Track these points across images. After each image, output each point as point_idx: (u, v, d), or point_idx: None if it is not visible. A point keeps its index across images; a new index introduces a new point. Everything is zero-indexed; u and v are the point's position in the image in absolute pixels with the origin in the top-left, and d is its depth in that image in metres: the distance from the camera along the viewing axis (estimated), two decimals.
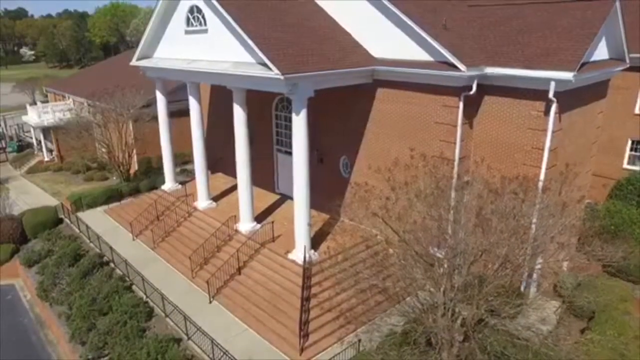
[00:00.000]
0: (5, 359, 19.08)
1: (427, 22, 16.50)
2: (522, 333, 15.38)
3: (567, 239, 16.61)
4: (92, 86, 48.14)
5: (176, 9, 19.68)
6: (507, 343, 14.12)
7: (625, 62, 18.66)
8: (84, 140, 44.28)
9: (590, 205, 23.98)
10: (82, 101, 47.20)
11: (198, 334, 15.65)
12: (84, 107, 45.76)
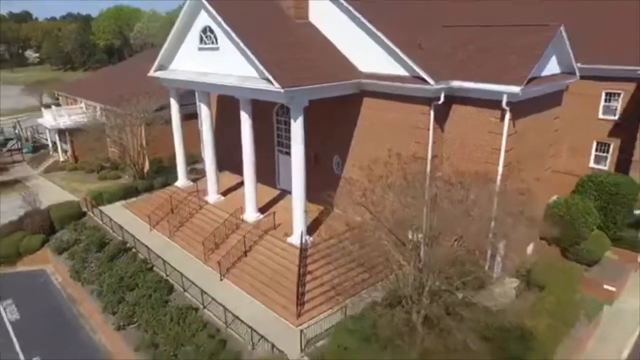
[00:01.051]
0: (45, 332, 22.18)
1: (405, 42, 19.63)
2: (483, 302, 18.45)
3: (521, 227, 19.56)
4: (103, 91, 51.46)
5: (191, 28, 22.83)
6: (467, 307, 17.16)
7: (576, 75, 21.75)
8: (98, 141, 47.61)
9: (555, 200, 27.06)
10: (94, 105, 50.42)
11: (212, 304, 18.79)
12: (97, 111, 49.04)
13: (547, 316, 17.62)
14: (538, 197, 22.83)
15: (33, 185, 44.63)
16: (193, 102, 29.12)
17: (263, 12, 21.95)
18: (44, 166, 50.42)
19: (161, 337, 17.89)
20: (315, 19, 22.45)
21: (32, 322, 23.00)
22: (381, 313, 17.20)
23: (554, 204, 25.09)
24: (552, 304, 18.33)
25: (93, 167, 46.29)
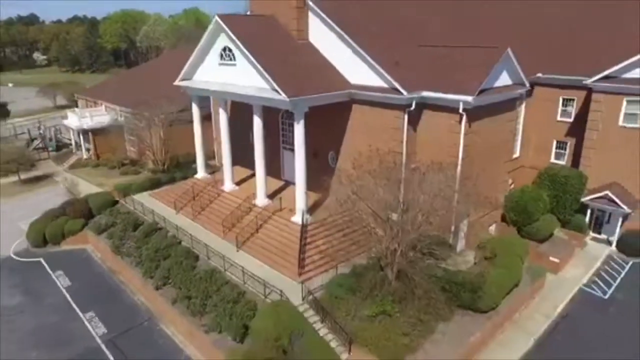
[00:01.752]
0: (93, 295, 27.20)
1: (385, 59, 24.63)
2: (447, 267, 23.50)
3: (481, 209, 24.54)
4: (121, 94, 56.47)
5: (212, 47, 27.83)
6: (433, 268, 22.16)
7: (525, 85, 26.75)
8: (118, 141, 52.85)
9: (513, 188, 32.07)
10: (114, 107, 55.50)
11: (232, 267, 23.78)
12: (117, 113, 54.13)
13: (494, 276, 22.58)
14: (498, 186, 27.89)
15: (62, 180, 49.93)
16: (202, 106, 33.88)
17: (271, 34, 26.95)
18: (68, 163, 55.51)
19: (193, 292, 22.93)
20: (313, 39, 27.45)
21: (81, 288, 28.09)
22: (363, 272, 22.28)
23: (512, 192, 30.11)
24: (499, 267, 23.32)
25: (114, 164, 51.35)
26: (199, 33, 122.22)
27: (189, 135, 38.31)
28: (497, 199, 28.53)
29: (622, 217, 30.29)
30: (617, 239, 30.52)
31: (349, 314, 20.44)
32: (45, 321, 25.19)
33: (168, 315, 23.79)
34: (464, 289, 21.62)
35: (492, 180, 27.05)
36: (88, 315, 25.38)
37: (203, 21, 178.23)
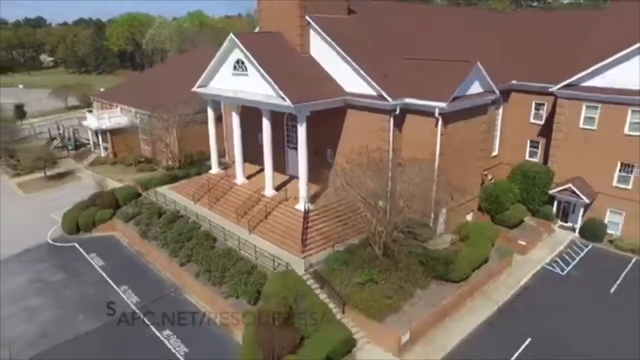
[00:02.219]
0: (125, 272, 31.68)
1: (375, 71, 29.06)
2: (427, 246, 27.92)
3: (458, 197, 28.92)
4: (136, 97, 60.75)
5: (226, 60, 32.30)
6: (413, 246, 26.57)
7: (495, 93, 31.21)
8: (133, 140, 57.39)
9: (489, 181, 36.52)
10: (129, 109, 59.92)
11: (245, 247, 28.25)
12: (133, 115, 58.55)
13: (464, 253, 27.04)
14: (472, 179, 32.35)
15: (84, 176, 54.53)
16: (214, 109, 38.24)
17: (278, 48, 31.37)
18: (88, 161, 60.12)
19: (213, 267, 27.43)
20: (314, 53, 31.87)
21: (113, 266, 32.62)
22: (355, 249, 26.77)
23: (487, 185, 34.57)
24: (469, 247, 27.78)
25: (130, 162, 55.94)
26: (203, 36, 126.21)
27: (201, 135, 43.16)
28: (472, 189, 33.06)
29: (583, 207, 34.72)
30: (580, 226, 34.97)
31: (343, 282, 24.88)
32: (86, 292, 29.73)
33: (191, 286, 28.31)
34: (438, 262, 26.08)
35: (467, 173, 31.56)
36: (122, 288, 29.90)
37: (207, 24, 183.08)
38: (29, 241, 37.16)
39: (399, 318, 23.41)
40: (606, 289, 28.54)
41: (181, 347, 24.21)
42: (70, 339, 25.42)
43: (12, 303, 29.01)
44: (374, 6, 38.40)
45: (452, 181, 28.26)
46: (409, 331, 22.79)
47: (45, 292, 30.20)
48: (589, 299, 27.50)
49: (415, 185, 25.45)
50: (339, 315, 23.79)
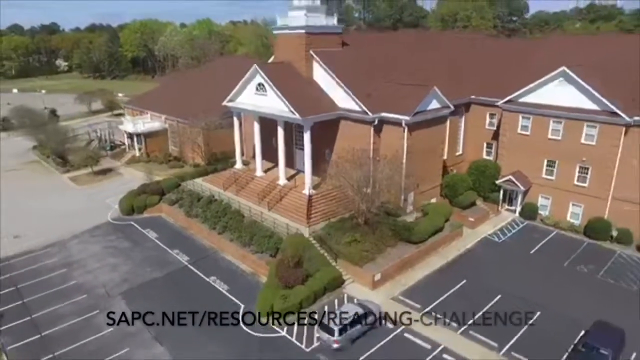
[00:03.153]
0: (174, 241, 42.53)
1: (361, 93, 39.87)
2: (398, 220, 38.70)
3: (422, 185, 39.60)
4: (164, 104, 71.49)
5: (250, 83, 43.19)
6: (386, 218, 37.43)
7: (450, 108, 42.00)
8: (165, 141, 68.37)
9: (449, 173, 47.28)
10: (159, 115, 70.84)
11: (266, 221, 39.14)
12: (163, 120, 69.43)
13: (422, 223, 37.84)
14: (434, 172, 43.16)
15: (124, 172, 65.47)
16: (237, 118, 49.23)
17: (289, 74, 42.15)
18: (125, 159, 71.03)
19: (243, 233, 38.33)
20: (316, 78, 42.75)
21: (165, 237, 43.51)
22: (345, 221, 37.64)
23: (446, 177, 45.39)
24: (427, 219, 38.61)
25: (162, 160, 66.88)
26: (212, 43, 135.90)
27: (223, 137, 54.37)
28: (434, 180, 43.91)
29: (522, 194, 45.44)
30: (519, 208, 45.71)
31: (335, 242, 35.70)
32: (149, 254, 40.64)
33: (227, 248, 39.22)
34: (403, 229, 36.90)
35: (429, 168, 42.44)
36: (174, 251, 40.79)
37: (215, 32, 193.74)
38: (94, 221, 48.11)
39: (373, 265, 34.28)
40: (528, 250, 39.34)
41: (224, 286, 35.08)
42: (144, 282, 36.33)
43: (97, 261, 39.96)
44: (364, 38, 49.44)
45: (417, 173, 39.22)
46: (380, 273, 33.64)
47: (118, 254, 41.12)
48: (513, 257, 38.28)
49: (389, 176, 36.36)
50: (333, 262, 34.62)
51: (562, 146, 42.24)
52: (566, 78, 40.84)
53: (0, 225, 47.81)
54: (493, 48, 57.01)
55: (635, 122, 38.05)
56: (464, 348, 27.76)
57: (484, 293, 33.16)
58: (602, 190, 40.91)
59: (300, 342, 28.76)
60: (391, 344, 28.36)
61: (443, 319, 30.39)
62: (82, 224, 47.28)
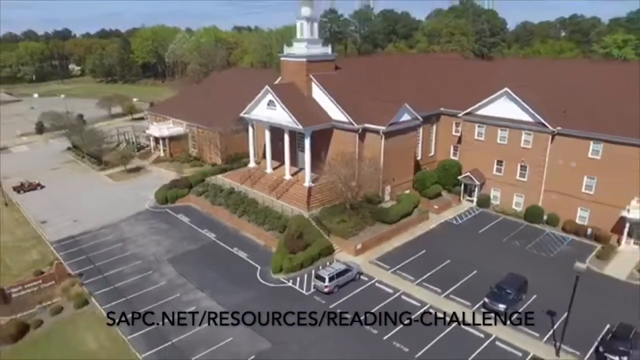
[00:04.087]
0: (204, 224, 54.26)
1: (350, 108, 51.55)
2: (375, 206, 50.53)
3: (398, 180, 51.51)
4: (184, 111, 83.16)
5: (263, 99, 54.94)
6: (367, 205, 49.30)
7: (419, 120, 53.72)
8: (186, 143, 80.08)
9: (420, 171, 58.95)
10: (180, 121, 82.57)
11: (275, 206, 50.88)
12: (184, 125, 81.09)
13: (394, 208, 49.53)
14: (407, 170, 54.91)
15: (152, 170, 77.23)
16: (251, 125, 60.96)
17: (293, 93, 53.79)
18: (151, 159, 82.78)
19: (258, 216, 50.08)
20: (314, 96, 54.48)
21: (195, 220, 55.21)
22: (336, 207, 49.45)
23: (418, 173, 57.12)
24: (399, 206, 50.30)
25: (183, 160, 78.61)
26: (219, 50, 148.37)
27: (237, 140, 66.10)
28: (407, 175, 55.61)
29: (478, 187, 57.07)
30: (476, 199, 57.35)
31: (328, 222, 47.40)
32: (184, 233, 52.36)
33: (246, 228, 50.96)
34: (380, 212, 48.61)
35: (403, 166, 54.16)
36: (204, 230, 52.52)
37: (222, 39, 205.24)
38: (135, 208, 59.87)
39: (356, 238, 46.01)
40: (477, 230, 51.01)
41: (243, 254, 46.80)
42: (184, 252, 48.06)
43: (144, 238, 51.72)
44: (353, 62, 61.08)
45: (392, 170, 50.95)
46: (360, 244, 45.38)
47: (159, 233, 52.84)
48: (465, 235, 49.93)
49: (370, 172, 48.10)
50: (326, 236, 46.31)
51: (507, 149, 53.90)
52: (508, 96, 52.50)
53: (61, 212, 59.70)
54: (463, 68, 68.77)
55: (558, 131, 49.69)
56: (417, 292, 39.48)
57: (437, 259, 44.87)
58: (537, 184, 52.57)
59: (302, 289, 40.53)
60: (366, 290, 40.11)
61: (404, 275, 42.10)
62: (126, 211, 59.06)
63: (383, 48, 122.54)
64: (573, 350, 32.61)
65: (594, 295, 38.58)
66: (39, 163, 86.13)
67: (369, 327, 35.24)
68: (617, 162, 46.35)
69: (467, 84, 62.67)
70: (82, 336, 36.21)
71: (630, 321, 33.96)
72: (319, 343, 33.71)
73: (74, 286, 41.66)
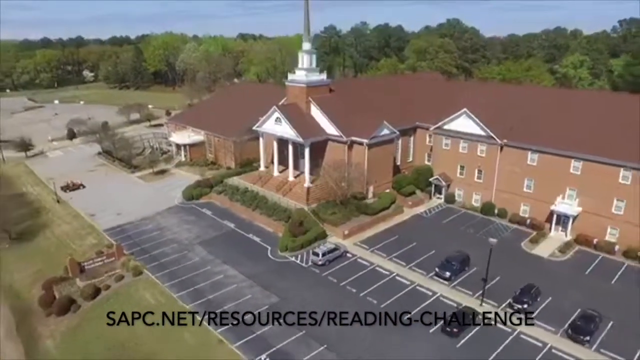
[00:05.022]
0: (223, 216, 67.83)
1: (342, 124, 65.05)
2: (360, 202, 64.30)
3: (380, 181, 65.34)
4: (202, 121, 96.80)
5: (271, 117, 68.48)
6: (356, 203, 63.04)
7: (396, 133, 67.23)
8: (204, 150, 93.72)
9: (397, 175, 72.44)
10: (199, 131, 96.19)
11: (282, 202, 64.45)
12: (202, 134, 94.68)
13: (375, 203, 62.99)
14: (389, 173, 68.57)
15: (175, 173, 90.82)
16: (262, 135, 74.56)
17: (296, 112, 67.25)
18: (174, 163, 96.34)
19: (268, 209, 63.67)
20: (312, 114, 67.98)
21: (217, 213, 68.78)
22: (330, 202, 63.14)
23: (396, 176, 70.61)
24: (379, 202, 63.84)
25: (202, 164, 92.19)
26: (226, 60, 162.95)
27: (249, 147, 79.66)
28: (387, 178, 69.11)
29: (445, 187, 70.48)
30: (444, 197, 70.77)
31: (323, 213, 60.93)
32: (209, 223, 65.94)
33: (258, 219, 64.53)
34: (364, 207, 62.12)
35: (384, 171, 67.68)
36: (224, 221, 66.08)
37: (229, 48, 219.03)
38: (167, 204, 73.46)
39: (344, 226, 59.58)
40: (442, 221, 64.46)
41: (257, 238, 60.39)
42: (210, 237, 61.62)
43: (177, 227, 65.30)
44: (345, 84, 74.55)
45: (375, 174, 64.51)
46: (347, 230, 58.92)
47: (188, 223, 66.38)
48: (431, 225, 63.35)
49: (356, 175, 61.67)
50: (321, 224, 59.83)
51: (467, 157, 67.31)
52: (467, 115, 65.91)
53: (105, 207, 73.41)
54: (438, 87, 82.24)
55: (505, 143, 63.06)
56: (388, 265, 52.96)
57: (406, 242, 58.30)
58: (490, 185, 65.96)
59: (302, 263, 54.06)
60: (350, 263, 53.59)
61: (379, 253, 55.58)
62: (159, 206, 72.65)
63: (378, 60, 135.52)
64: (493, 302, 46.01)
65: (521, 268, 52.06)
66: (75, 166, 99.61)
67: (350, 288, 48.77)
68: (548, 167, 59.74)
69: (440, 102, 76.04)
70: (142, 295, 49.81)
71: (540, 284, 47.32)
72: (314, 298, 47.18)
73: (130, 261, 55.24)
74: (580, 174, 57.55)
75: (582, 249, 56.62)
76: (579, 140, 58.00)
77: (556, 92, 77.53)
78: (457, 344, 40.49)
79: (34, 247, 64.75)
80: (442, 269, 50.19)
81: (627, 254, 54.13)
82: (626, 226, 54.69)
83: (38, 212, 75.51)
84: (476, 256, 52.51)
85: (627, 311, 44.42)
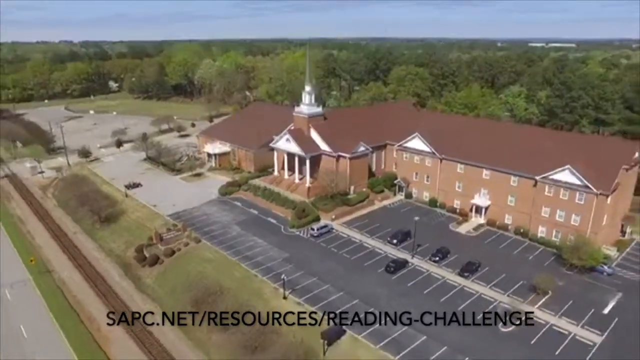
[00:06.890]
0: (250, 206, 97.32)
1: (334, 144, 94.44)
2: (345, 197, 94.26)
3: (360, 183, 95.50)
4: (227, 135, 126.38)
5: (283, 137, 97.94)
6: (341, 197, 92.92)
7: (369, 149, 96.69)
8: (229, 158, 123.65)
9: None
10: (225, 143, 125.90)
11: (290, 196, 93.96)
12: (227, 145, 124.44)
13: (354, 196, 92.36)
14: (364, 179, 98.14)
15: (208, 176, 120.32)
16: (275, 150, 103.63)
17: (300, 134, 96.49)
18: (206, 168, 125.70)
19: (282, 202, 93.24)
20: (312, 135, 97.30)
21: (246, 205, 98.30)
22: (325, 196, 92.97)
23: (371, 179, 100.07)
24: (356, 196, 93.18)
25: (228, 169, 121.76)
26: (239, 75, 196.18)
27: (265, 157, 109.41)
28: (364, 181, 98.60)
29: (405, 187, 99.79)
30: (404, 194, 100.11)
31: (318, 204, 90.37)
32: (240, 211, 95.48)
33: (274, 208, 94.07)
34: (346, 200, 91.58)
35: (361, 176, 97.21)
36: (251, 210, 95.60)
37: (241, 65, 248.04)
38: (206, 199, 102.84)
39: (332, 212, 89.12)
40: (400, 211, 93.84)
41: (274, 221, 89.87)
42: (241, 220, 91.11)
43: (217, 213, 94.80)
44: (336, 113, 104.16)
45: (355, 178, 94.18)
46: (334, 215, 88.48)
47: (225, 211, 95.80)
48: (393, 214, 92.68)
49: (342, 179, 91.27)
50: (317, 212, 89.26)
51: (420, 167, 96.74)
52: (419, 137, 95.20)
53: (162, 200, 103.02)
54: (406, 114, 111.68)
55: (442, 157, 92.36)
56: (359, 236, 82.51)
57: (373, 223, 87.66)
58: (434, 186, 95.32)
59: (304, 235, 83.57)
60: (335, 236, 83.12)
61: (355, 230, 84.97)
62: (202, 200, 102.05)
63: (367, 83, 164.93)
64: (420, 257, 75.37)
65: (445, 239, 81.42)
66: (127, 169, 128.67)
67: (333, 249, 78.32)
68: (471, 174, 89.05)
69: (405, 126, 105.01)
70: (203, 253, 79.32)
71: (452, 248, 76.67)
72: (311, 254, 76.62)
73: (192, 234, 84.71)
74: (489, 179, 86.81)
75: (489, 229, 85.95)
76: (489, 156, 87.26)
77: (481, 122, 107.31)
78: (393, 277, 69.90)
79: (119, 226, 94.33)
80: (392, 238, 79.68)
81: (516, 231, 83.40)
82: (515, 213, 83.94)
83: (114, 203, 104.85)
84: (418, 232, 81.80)
85: (500, 263, 73.70)
